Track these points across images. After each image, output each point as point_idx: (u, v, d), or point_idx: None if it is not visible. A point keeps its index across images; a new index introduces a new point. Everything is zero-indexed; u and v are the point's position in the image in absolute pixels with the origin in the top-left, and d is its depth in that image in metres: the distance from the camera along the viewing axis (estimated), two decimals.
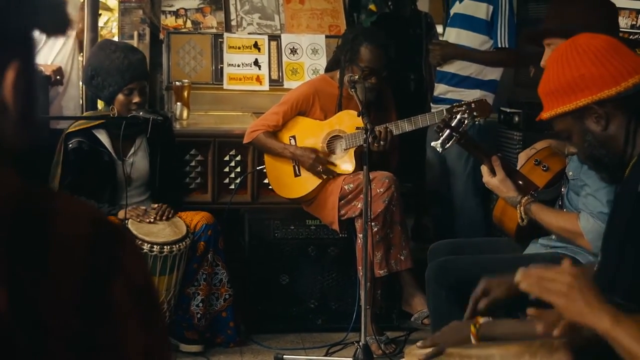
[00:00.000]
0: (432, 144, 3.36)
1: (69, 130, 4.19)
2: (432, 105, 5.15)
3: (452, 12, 5.20)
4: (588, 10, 3.19)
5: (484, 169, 3.25)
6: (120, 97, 4.16)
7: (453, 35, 5.06)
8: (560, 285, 1.81)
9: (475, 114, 4.12)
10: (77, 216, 1.01)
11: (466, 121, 3.26)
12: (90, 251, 0.98)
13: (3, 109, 1.02)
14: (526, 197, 3.12)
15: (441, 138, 3.26)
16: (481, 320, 2.23)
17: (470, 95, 4.85)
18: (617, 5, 4.55)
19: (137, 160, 4.29)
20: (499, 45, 4.92)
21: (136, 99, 4.17)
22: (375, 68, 4.42)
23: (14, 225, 0.95)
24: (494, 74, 5.00)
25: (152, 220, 4.11)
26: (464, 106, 4.10)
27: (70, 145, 4.15)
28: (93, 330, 0.97)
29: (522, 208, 3.11)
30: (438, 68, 5.15)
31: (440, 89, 5.09)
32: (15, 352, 0.93)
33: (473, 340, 2.24)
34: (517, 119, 5.02)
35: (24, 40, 1.03)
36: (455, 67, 5.01)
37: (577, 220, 3.00)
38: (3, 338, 0.93)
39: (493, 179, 3.21)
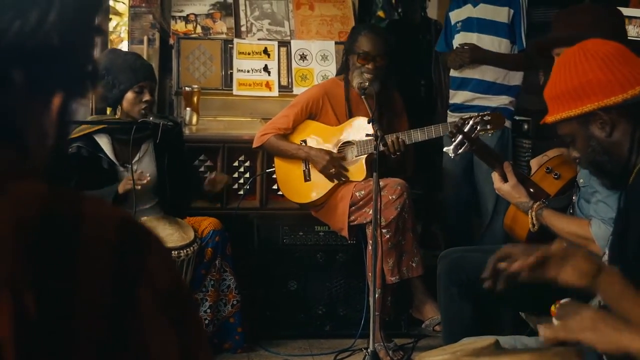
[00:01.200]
0: (445, 149, 3.36)
1: (69, 136, 4.18)
2: (452, 113, 5.10)
3: (459, 16, 5.16)
4: (596, 19, 3.19)
5: (495, 175, 3.25)
6: (130, 95, 4.14)
7: (474, 40, 5.03)
8: (584, 322, 1.81)
9: (489, 126, 4.10)
10: (104, 220, 1.01)
11: (479, 127, 3.25)
12: (116, 255, 0.99)
13: (45, 137, 1.05)
14: (538, 203, 3.13)
15: (453, 144, 3.26)
16: (562, 301, 2.20)
17: (498, 101, 4.87)
18: (627, 15, 4.57)
19: (142, 167, 4.26)
20: (524, 48, 4.93)
21: (146, 97, 4.16)
22: (371, 53, 4.41)
23: (40, 230, 0.96)
24: (517, 79, 5.00)
25: (148, 178, 4.04)
26: (478, 117, 4.10)
27: (70, 150, 4.13)
28: (120, 333, 0.98)
29: (533, 213, 3.12)
30: (457, 74, 5.10)
31: (464, 96, 5.04)
32: (44, 357, 0.93)
33: (554, 321, 2.22)
34: (526, 126, 5.02)
35: (71, 71, 1.05)
36: (480, 73, 4.99)
37: (588, 226, 2.99)
38: (32, 343, 0.93)
39: (505, 185, 3.22)
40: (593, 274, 1.89)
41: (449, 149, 3.32)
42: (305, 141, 4.54)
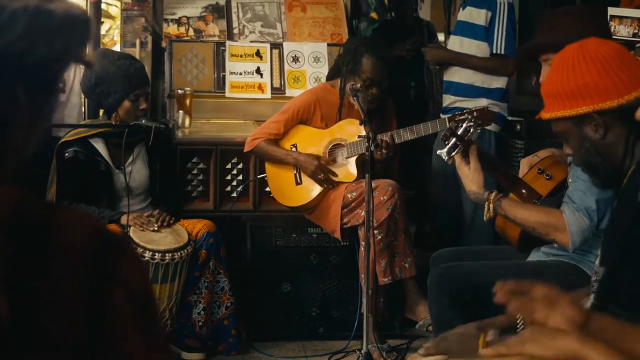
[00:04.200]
0: (438, 152, 3.34)
1: (65, 139, 4.18)
2: (442, 115, 5.12)
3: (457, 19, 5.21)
4: (580, 21, 3.18)
5: (458, 156, 3.17)
6: (126, 103, 4.18)
7: (457, 43, 5.05)
8: (522, 336, 1.83)
9: (478, 122, 4.11)
10: (76, 227, 1.03)
11: (472, 129, 3.24)
12: (89, 261, 1.01)
13: (25, 146, 1.11)
14: (494, 193, 3.02)
15: (447, 146, 3.25)
16: (490, 334, 2.19)
17: (477, 103, 4.84)
18: (618, 14, 4.58)
19: (136, 169, 4.29)
20: (494, 52, 4.90)
21: (143, 105, 4.20)
22: (376, 79, 4.42)
23: (13, 236, 0.97)
24: (499, 82, 4.98)
25: (155, 228, 4.11)
26: (467, 114, 4.10)
27: (67, 155, 4.14)
28: (93, 337, 0.99)
29: (491, 205, 3.03)
30: (445, 78, 5.14)
31: (448, 100, 5.08)
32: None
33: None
34: (519, 127, 5.02)
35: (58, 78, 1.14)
36: (458, 76, 5.00)
37: (560, 214, 2.95)
38: (5, 346, 0.94)
39: (465, 167, 3.10)
40: (581, 322, 1.89)
41: (442, 152, 3.30)
42: (295, 145, 4.55)
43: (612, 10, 4.65)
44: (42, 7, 1.07)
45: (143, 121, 4.14)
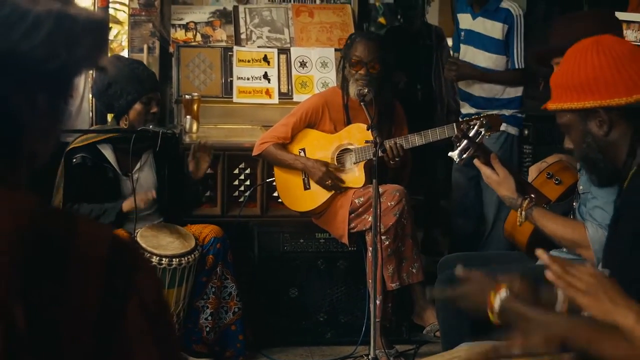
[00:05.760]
0: (450, 154, 3.34)
1: (73, 146, 4.18)
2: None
3: (463, 23, 5.19)
4: (593, 25, 3.18)
5: (484, 166, 3.16)
6: (137, 106, 4.18)
7: (470, 54, 5.06)
8: (584, 284, 1.81)
9: (489, 126, 4.11)
10: (95, 238, 1.03)
11: (483, 132, 3.24)
12: (107, 272, 1.00)
13: (38, 150, 1.12)
14: (527, 201, 3.03)
15: (458, 149, 3.25)
16: (502, 292, 2.16)
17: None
18: (626, 19, 4.57)
19: (143, 176, 4.29)
20: (517, 67, 4.94)
21: (154, 109, 4.21)
22: (364, 58, 4.43)
23: (31, 245, 0.97)
24: (517, 90, 5.02)
25: (154, 195, 4.08)
26: (476, 120, 4.10)
27: (74, 161, 4.14)
28: (108, 347, 0.99)
29: (523, 212, 3.05)
30: (462, 87, 5.15)
31: (468, 109, 5.13)
32: None
33: (490, 315, 2.20)
34: (527, 132, 5.02)
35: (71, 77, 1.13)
36: (478, 90, 5.04)
37: (584, 230, 2.96)
38: (20, 354, 0.94)
39: (494, 175, 3.12)
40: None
41: (453, 154, 3.30)
42: (304, 149, 4.54)
43: (619, 15, 4.64)
44: (65, 11, 1.04)
45: (150, 126, 4.15)
